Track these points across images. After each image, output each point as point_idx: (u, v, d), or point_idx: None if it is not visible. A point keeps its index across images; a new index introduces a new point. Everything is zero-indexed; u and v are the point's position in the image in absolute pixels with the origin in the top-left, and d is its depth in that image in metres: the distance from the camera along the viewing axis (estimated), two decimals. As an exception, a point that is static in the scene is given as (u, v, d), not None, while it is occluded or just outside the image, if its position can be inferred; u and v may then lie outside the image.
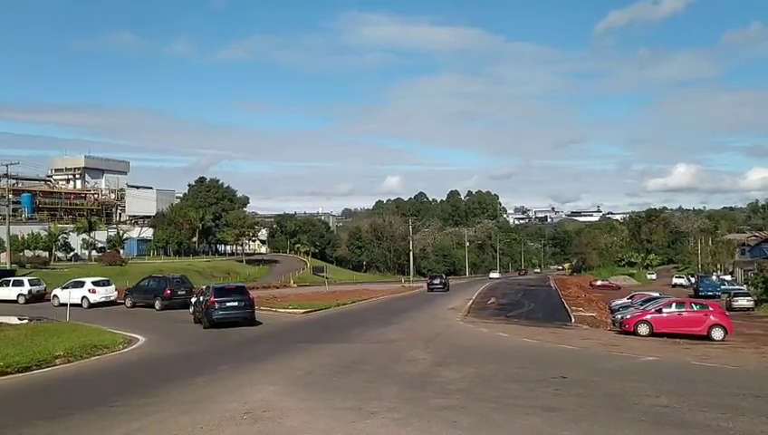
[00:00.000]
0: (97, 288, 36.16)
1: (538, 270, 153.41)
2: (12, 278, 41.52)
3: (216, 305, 25.33)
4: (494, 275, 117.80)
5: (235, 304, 25.72)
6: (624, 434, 7.67)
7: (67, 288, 35.73)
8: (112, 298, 36.56)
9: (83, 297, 35.20)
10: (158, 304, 33.67)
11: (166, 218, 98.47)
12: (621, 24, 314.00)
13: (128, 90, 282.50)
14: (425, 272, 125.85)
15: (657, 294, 39.58)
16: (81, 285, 36.19)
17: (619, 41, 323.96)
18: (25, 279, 40.87)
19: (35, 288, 39.36)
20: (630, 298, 39.43)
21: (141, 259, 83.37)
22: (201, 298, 27.49)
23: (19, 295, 38.34)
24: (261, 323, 26.63)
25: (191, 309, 30.59)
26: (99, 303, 35.26)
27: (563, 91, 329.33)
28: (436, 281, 64.36)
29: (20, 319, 26.63)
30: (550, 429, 7.92)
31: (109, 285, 37.49)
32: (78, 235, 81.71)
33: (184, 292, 34.63)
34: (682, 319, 26.01)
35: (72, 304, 30.94)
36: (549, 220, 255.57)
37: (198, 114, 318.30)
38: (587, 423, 8.15)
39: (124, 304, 35.25)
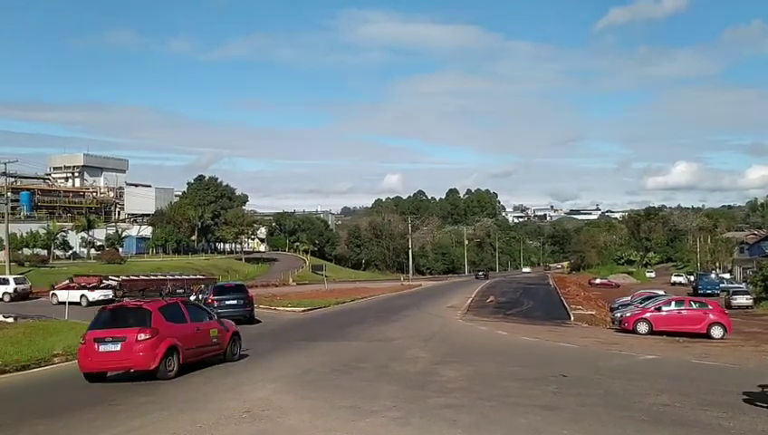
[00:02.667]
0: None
1: (560, 267, 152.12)
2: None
3: (216, 304, 25.36)
4: (526, 269, 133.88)
5: (234, 302, 25.82)
6: (625, 433, 7.64)
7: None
8: (111, 296, 36.68)
9: (82, 296, 35.30)
10: None
11: (165, 217, 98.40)
12: (621, 21, 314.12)
13: (127, 87, 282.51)
14: (424, 270, 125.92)
15: (662, 292, 39.24)
16: None
17: (619, 39, 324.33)
18: (11, 277, 41.04)
19: (21, 287, 39.61)
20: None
21: (140, 257, 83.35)
22: (200, 296, 27.51)
23: (4, 294, 38.49)
24: (260, 322, 26.64)
25: None
26: (98, 301, 35.36)
27: (563, 88, 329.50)
28: (480, 272, 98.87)
29: (4, 317, 26.47)
30: (550, 427, 7.90)
31: None
32: (77, 233, 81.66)
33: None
34: (681, 317, 25.99)
35: (70, 302, 30.96)
36: (548, 218, 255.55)
37: (198, 112, 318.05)
38: (587, 422, 8.13)
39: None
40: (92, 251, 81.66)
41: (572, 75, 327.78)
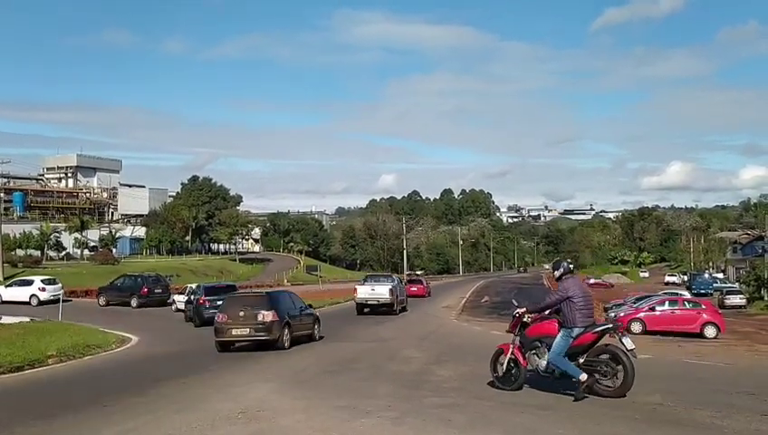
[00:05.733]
0: (46, 286, 37.05)
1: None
2: None
3: (207, 304, 25.65)
4: (547, 266, 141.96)
5: None
6: (619, 431, 7.68)
7: (11, 287, 36.54)
8: (59, 296, 37.57)
9: (32, 295, 35.81)
10: (134, 301, 34.47)
11: (159, 217, 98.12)
12: (618, 22, 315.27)
13: (121, 87, 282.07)
14: (418, 271, 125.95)
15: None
16: (29, 283, 37.10)
17: (616, 39, 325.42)
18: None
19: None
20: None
21: (134, 258, 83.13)
22: (192, 297, 27.72)
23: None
24: None
25: (173, 307, 31.00)
26: (49, 300, 35.92)
27: (558, 89, 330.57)
28: (522, 268, 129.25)
29: None
30: (545, 427, 7.92)
31: (56, 283, 38.61)
32: (70, 234, 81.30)
33: (160, 290, 35.62)
34: (675, 317, 26.11)
35: (19, 302, 31.74)
36: (542, 218, 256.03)
37: (193, 112, 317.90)
38: (582, 421, 8.15)
39: (97, 302, 35.53)
40: (86, 252, 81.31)
41: (568, 75, 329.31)
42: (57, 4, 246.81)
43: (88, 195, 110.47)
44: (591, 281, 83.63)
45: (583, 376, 9.02)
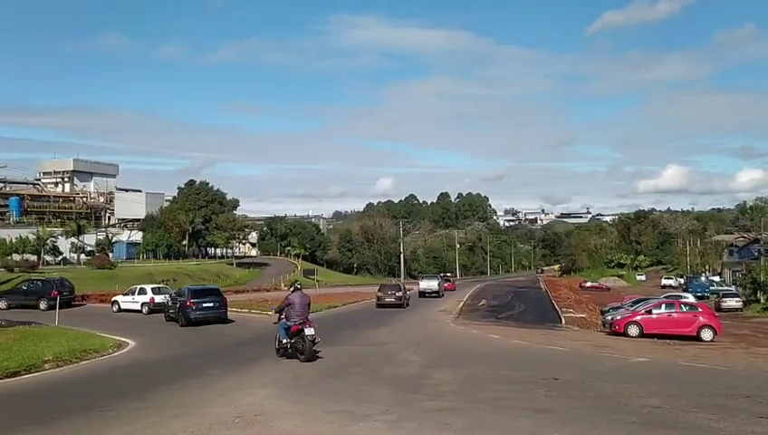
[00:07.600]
0: None
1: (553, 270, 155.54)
2: None
3: (193, 306, 27.07)
4: (546, 267, 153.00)
5: (210, 304, 27.69)
6: (616, 435, 7.69)
7: None
8: None
9: None
10: (43, 304, 35.60)
11: (155, 221, 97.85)
12: (614, 25, 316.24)
13: (118, 92, 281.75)
14: (415, 274, 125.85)
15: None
16: None
17: (612, 43, 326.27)
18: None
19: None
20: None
21: (131, 263, 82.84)
22: (178, 299, 28.61)
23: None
24: (233, 321, 27.98)
25: (114, 307, 34.66)
26: None
27: (554, 92, 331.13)
28: (539, 270, 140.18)
29: None
30: (542, 430, 7.94)
31: None
32: (67, 238, 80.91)
33: (67, 293, 37.38)
34: (671, 320, 26.14)
35: None
36: (539, 222, 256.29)
37: (190, 117, 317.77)
38: (578, 425, 8.17)
39: None
40: (83, 256, 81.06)
41: (564, 79, 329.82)
42: (55, 9, 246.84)
43: (85, 199, 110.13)
44: (588, 284, 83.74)
45: (285, 339, 15.71)
